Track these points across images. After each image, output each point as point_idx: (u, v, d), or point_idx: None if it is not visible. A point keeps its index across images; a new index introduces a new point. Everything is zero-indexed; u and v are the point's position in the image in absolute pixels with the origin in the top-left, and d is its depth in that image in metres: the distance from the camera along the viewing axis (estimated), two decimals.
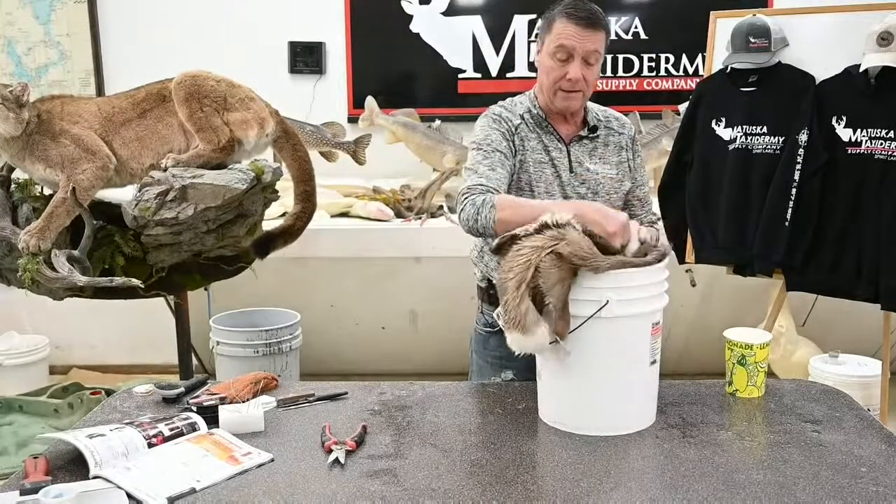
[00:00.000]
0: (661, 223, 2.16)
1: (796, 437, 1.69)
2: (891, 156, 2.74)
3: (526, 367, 2.10)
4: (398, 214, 3.81)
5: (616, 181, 2.12)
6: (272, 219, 3.19)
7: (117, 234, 2.73)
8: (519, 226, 1.80)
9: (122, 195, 2.77)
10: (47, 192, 2.76)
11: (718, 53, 3.13)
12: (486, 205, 1.88)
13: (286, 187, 3.03)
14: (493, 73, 4.46)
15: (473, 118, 2.17)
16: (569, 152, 2.09)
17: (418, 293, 3.81)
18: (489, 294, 2.17)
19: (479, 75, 4.47)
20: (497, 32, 4.44)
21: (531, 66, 4.29)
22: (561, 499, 1.45)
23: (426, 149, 4.06)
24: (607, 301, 1.66)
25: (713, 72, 3.13)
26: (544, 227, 1.71)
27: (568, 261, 1.67)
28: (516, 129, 2.07)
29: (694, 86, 3.54)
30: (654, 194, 3.02)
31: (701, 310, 3.81)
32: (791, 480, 1.50)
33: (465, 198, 1.93)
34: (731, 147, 3.03)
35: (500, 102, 2.15)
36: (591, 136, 2.12)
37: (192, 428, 1.70)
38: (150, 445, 1.61)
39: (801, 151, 2.86)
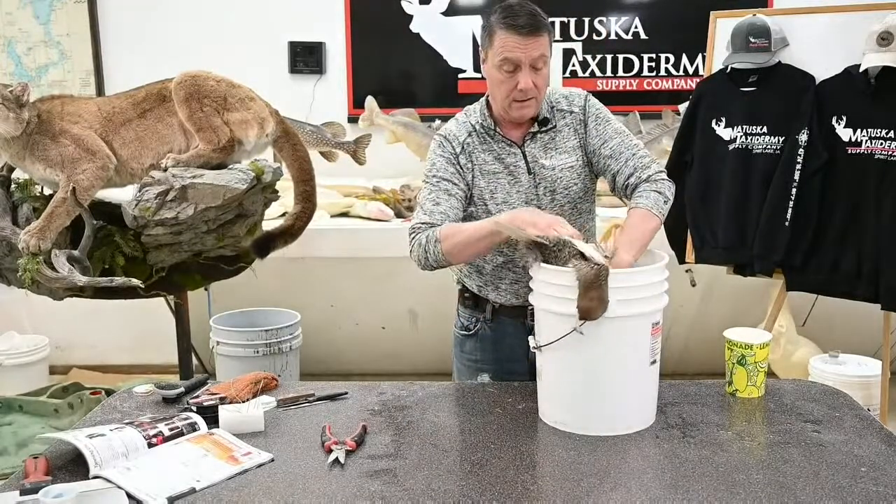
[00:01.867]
0: (648, 170, 1.97)
1: (796, 437, 1.69)
2: (891, 156, 2.74)
3: (502, 370, 2.11)
4: (398, 214, 3.81)
5: (575, 170, 2.03)
6: (272, 219, 3.19)
7: (117, 234, 2.73)
8: (466, 247, 1.88)
9: (122, 195, 2.77)
10: (47, 192, 2.76)
11: (718, 53, 3.13)
12: (430, 241, 1.91)
13: (286, 187, 3.03)
14: None
15: None
16: (524, 154, 2.03)
17: (418, 293, 3.81)
18: (464, 297, 2.17)
19: (479, 75, 4.46)
20: None
21: None
22: (561, 499, 1.45)
23: (426, 149, 4.03)
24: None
25: (713, 72, 3.13)
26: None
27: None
28: (462, 149, 2.04)
29: (694, 86, 3.54)
30: None
31: (701, 310, 3.81)
32: (791, 480, 1.50)
33: (412, 238, 1.96)
34: (731, 147, 3.03)
35: (452, 119, 2.11)
36: (543, 129, 2.04)
37: (192, 428, 1.70)
38: (150, 445, 1.61)
39: (801, 151, 2.86)
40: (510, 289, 2.06)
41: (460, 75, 4.49)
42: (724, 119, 3.04)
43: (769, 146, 2.96)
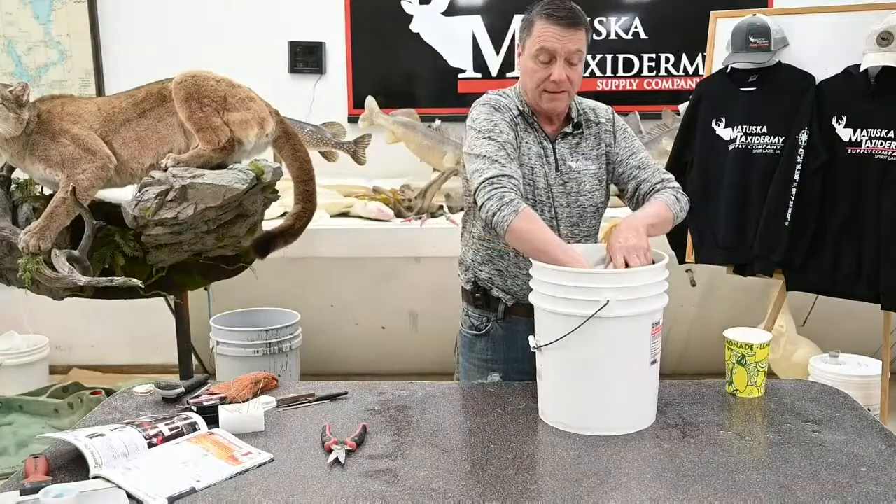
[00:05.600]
0: (673, 182, 2.10)
1: (796, 437, 1.70)
2: (891, 156, 2.74)
3: (512, 370, 2.11)
4: (398, 214, 3.81)
5: (597, 177, 2.09)
6: (272, 219, 3.19)
7: (117, 234, 2.73)
8: (526, 243, 1.85)
9: (122, 195, 2.77)
10: (47, 192, 2.76)
11: (718, 53, 3.13)
12: (511, 205, 1.84)
13: (286, 187, 3.03)
14: (493, 73, 4.46)
15: None
16: (555, 150, 2.06)
17: (418, 293, 3.81)
18: (474, 297, 2.15)
19: (479, 75, 4.47)
20: (497, 32, 4.44)
21: None
22: (561, 499, 1.45)
23: (426, 149, 4.06)
24: (607, 301, 1.66)
25: (713, 72, 3.13)
26: None
27: None
28: (515, 119, 2.05)
29: (694, 86, 3.54)
30: None
31: (701, 310, 3.81)
32: (791, 480, 1.50)
33: (493, 189, 1.86)
34: (731, 147, 3.03)
35: (491, 92, 2.09)
36: (575, 132, 2.09)
37: (192, 428, 1.70)
38: (151, 445, 1.61)
39: (801, 151, 2.86)
40: (527, 279, 2.05)
41: (460, 75, 4.48)
42: (724, 119, 3.04)
43: (769, 146, 2.96)
